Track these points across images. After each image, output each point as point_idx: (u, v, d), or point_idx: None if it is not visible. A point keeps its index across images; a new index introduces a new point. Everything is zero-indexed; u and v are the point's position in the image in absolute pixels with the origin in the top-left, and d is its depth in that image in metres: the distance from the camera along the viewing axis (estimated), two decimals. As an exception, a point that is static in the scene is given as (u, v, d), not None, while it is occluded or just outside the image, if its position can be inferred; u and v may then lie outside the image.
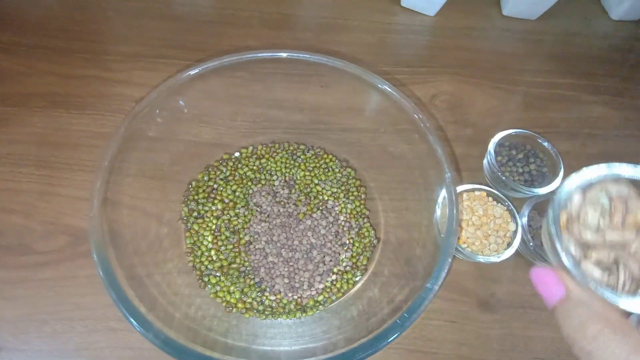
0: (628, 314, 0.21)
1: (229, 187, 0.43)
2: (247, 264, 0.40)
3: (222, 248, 0.40)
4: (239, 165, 0.45)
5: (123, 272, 0.30)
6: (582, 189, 0.24)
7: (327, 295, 0.39)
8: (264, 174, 0.45)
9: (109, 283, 0.28)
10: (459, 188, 0.43)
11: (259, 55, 0.38)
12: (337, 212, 0.43)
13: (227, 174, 0.44)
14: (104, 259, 0.29)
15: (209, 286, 0.39)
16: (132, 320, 0.27)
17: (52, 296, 0.39)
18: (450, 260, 0.31)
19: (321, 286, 0.39)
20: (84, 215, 0.43)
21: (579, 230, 0.23)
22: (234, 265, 0.40)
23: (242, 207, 0.42)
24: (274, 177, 0.45)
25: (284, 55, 0.39)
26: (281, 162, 0.45)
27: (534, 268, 0.23)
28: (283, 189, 0.44)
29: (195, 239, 0.41)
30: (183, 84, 0.37)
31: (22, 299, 0.39)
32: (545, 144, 0.45)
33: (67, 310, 0.39)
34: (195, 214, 0.42)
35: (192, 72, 0.37)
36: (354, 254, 0.41)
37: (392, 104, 0.39)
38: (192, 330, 0.33)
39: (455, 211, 0.32)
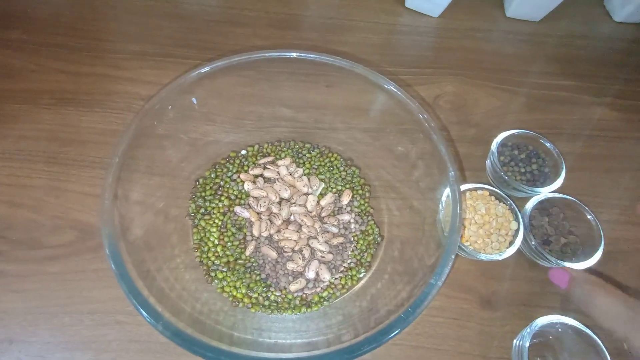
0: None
1: (235, 184, 0.44)
2: (252, 260, 0.41)
3: (229, 244, 0.41)
4: (246, 163, 0.46)
5: (133, 266, 0.31)
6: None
7: (331, 291, 0.40)
8: (270, 172, 0.45)
9: (120, 275, 0.28)
10: (462, 187, 0.43)
11: (269, 54, 0.38)
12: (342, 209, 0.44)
13: (234, 171, 0.45)
14: (115, 252, 0.29)
15: (216, 281, 0.39)
16: (142, 311, 0.28)
17: (61, 289, 0.40)
18: (453, 257, 0.31)
19: (326, 283, 0.40)
20: (92, 210, 0.44)
21: None
22: (240, 261, 0.40)
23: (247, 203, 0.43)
24: (280, 175, 0.45)
25: (294, 55, 0.39)
26: (287, 161, 0.46)
27: (550, 269, 0.38)
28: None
29: (202, 234, 0.41)
30: (193, 83, 0.37)
31: (32, 291, 0.40)
32: (548, 144, 0.46)
33: (75, 304, 0.39)
34: (202, 210, 0.42)
35: (203, 71, 0.37)
36: (358, 251, 0.42)
37: (397, 103, 0.39)
38: (200, 322, 0.33)
39: (458, 209, 0.33)
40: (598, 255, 0.40)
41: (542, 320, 0.38)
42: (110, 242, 0.30)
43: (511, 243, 0.41)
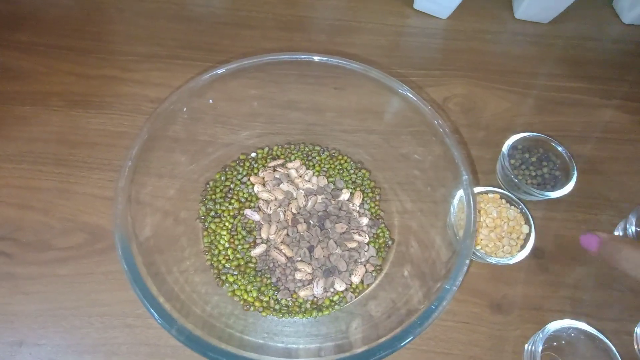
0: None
1: (245, 187, 0.44)
2: (255, 261, 0.40)
3: (239, 247, 0.41)
4: (256, 166, 0.45)
5: (145, 269, 0.31)
6: None
7: (342, 295, 0.39)
8: (279, 175, 0.45)
9: (134, 279, 0.28)
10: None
11: (285, 57, 0.38)
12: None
13: (244, 174, 0.45)
14: (128, 256, 0.29)
15: (227, 285, 0.39)
16: (156, 315, 0.28)
17: (71, 292, 0.40)
18: (467, 261, 0.31)
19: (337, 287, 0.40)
20: (101, 212, 0.44)
21: None
22: (250, 265, 0.40)
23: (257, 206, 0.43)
24: (289, 178, 0.45)
25: (316, 59, 0.39)
26: (296, 163, 0.46)
27: (581, 236, 0.34)
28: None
29: (213, 238, 0.41)
30: (204, 86, 0.37)
31: (41, 294, 0.40)
32: (559, 148, 0.46)
33: (85, 306, 0.39)
34: (212, 213, 0.42)
35: (215, 73, 0.37)
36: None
37: (409, 107, 0.39)
38: (210, 326, 0.33)
39: (473, 214, 0.33)
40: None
41: (555, 325, 0.37)
42: (124, 248, 0.29)
43: (522, 247, 0.41)
